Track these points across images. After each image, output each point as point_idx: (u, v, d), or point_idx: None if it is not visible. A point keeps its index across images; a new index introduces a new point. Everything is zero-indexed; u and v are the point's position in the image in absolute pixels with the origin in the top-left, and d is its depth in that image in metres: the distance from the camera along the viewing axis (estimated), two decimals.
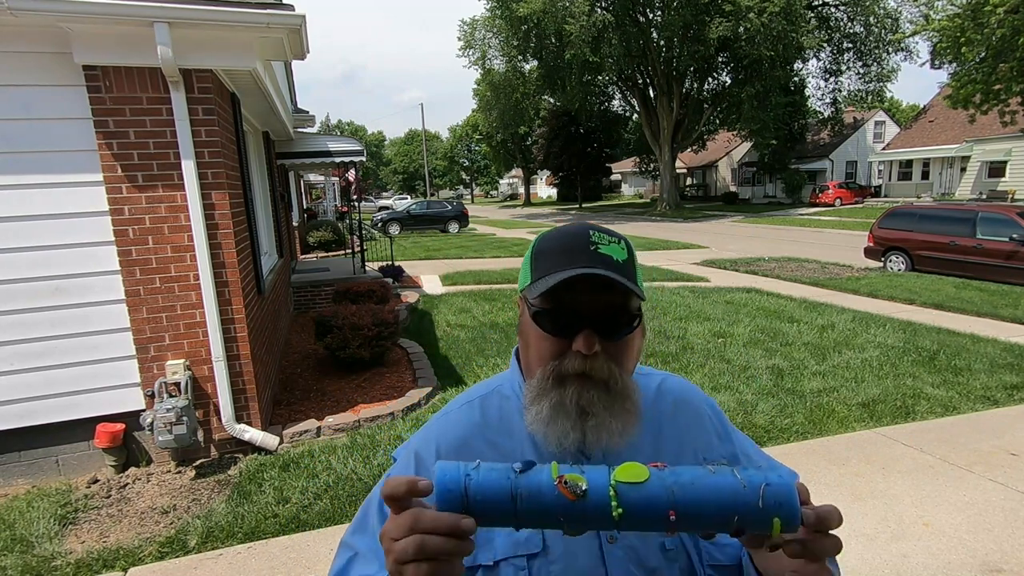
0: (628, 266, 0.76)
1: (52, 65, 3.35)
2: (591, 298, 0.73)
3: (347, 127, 76.58)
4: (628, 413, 0.76)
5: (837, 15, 29.26)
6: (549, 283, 0.72)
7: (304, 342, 6.72)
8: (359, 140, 9.57)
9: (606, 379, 0.74)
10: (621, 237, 0.79)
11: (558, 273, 0.73)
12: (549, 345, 0.76)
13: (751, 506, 0.57)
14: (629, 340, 0.77)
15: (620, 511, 0.56)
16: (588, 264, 0.73)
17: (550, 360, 0.76)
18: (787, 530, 0.57)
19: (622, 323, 0.75)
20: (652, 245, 16.75)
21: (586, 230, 0.78)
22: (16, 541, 3.02)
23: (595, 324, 0.74)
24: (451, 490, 0.56)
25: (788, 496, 0.57)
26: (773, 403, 4.56)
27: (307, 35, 3.82)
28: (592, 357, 0.73)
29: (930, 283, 9.40)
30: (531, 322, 0.78)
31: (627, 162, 48.84)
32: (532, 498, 0.56)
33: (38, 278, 3.50)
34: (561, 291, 0.73)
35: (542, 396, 0.76)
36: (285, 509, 3.24)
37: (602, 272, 0.72)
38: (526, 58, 30.86)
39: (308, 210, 22.12)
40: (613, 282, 0.72)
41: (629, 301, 0.75)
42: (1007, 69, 18.56)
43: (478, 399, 0.89)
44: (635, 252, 0.80)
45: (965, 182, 27.12)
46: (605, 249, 0.75)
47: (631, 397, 0.77)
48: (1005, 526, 2.92)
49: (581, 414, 0.74)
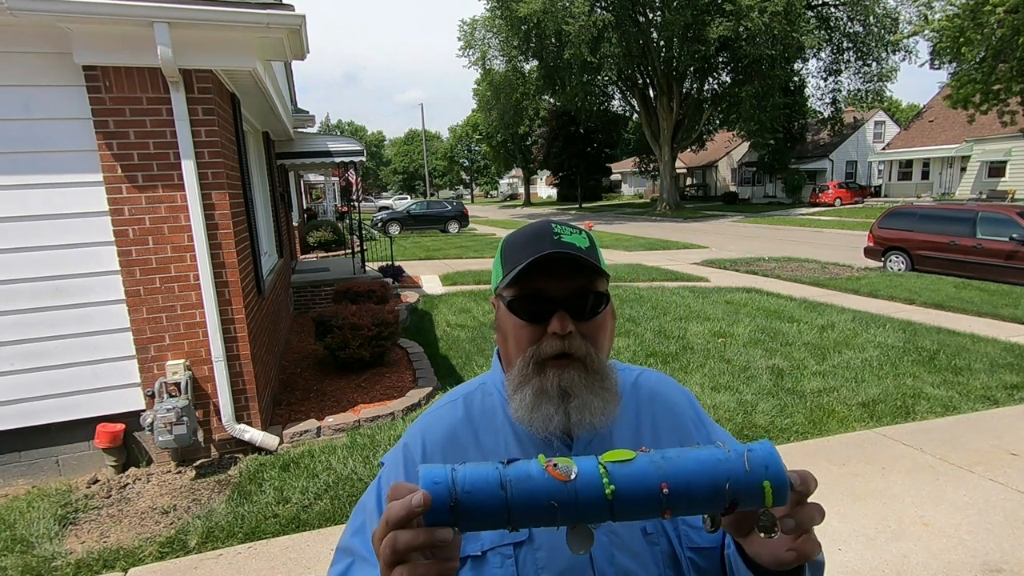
0: (591, 252, 0.80)
1: (52, 65, 3.35)
2: (560, 282, 0.78)
3: (347, 127, 76.54)
4: (607, 391, 0.79)
5: (837, 15, 29.27)
6: (520, 267, 0.77)
7: (304, 342, 6.72)
8: (359, 140, 9.56)
9: (583, 357, 0.78)
10: (582, 229, 0.83)
11: (528, 259, 0.77)
12: (526, 332, 0.80)
13: (739, 471, 0.57)
14: (601, 321, 0.81)
15: (612, 488, 0.55)
16: (553, 249, 0.76)
17: (528, 346, 0.79)
18: (778, 496, 0.57)
19: (592, 303, 0.80)
20: (652, 245, 16.75)
21: (548, 223, 0.82)
22: (16, 541, 3.02)
23: (567, 306, 0.78)
24: (438, 483, 0.54)
25: (772, 458, 0.58)
26: (773, 403, 4.56)
27: (307, 35, 3.82)
28: (568, 337, 0.77)
29: (930, 283, 9.40)
30: (507, 314, 0.82)
31: (627, 162, 48.82)
32: (522, 483, 0.55)
33: (38, 278, 3.50)
34: (531, 278, 0.78)
35: (524, 383, 0.79)
36: (285, 509, 3.24)
37: (567, 252, 0.76)
38: (526, 58, 30.82)
39: (308, 210, 22.12)
40: (579, 262, 0.77)
41: (596, 282, 0.80)
42: (1007, 69, 18.56)
43: (461, 397, 0.92)
44: (598, 243, 0.84)
45: (965, 182, 27.11)
46: (568, 238, 0.79)
47: (609, 376, 0.81)
48: (1005, 526, 2.92)
49: (563, 396, 0.77)
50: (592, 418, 0.77)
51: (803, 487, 0.59)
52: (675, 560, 0.80)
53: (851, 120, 35.22)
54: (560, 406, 0.77)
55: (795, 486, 0.59)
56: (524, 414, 0.79)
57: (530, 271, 0.77)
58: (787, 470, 0.58)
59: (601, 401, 0.78)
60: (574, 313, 0.78)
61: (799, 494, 0.59)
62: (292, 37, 3.71)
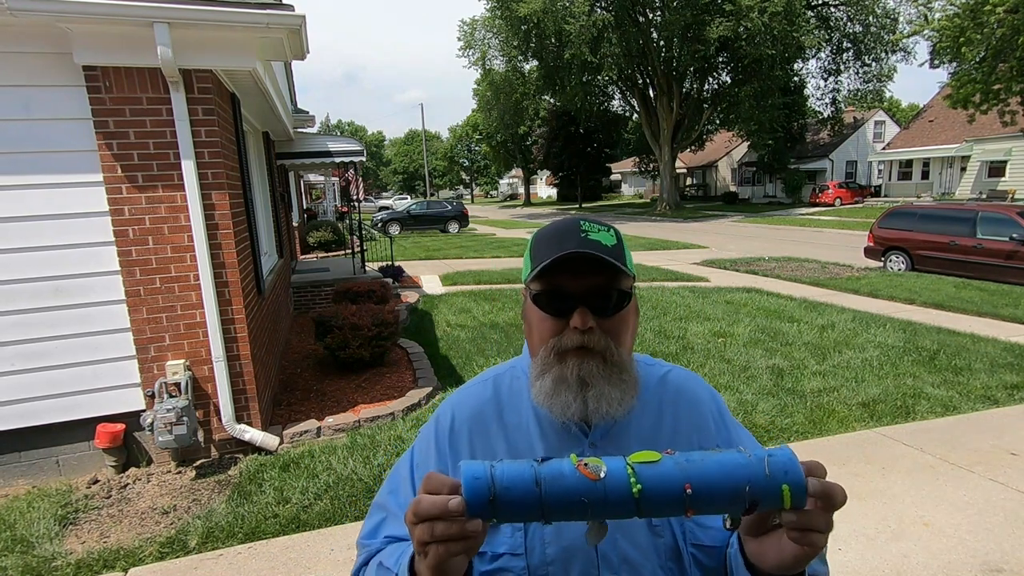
0: (617, 250, 0.82)
1: (52, 65, 3.35)
2: (583, 279, 0.80)
3: (347, 127, 76.55)
4: (625, 383, 0.82)
5: (837, 15, 29.26)
6: (543, 264, 0.79)
7: (304, 342, 6.72)
8: (359, 140, 9.56)
9: (603, 351, 0.80)
10: (610, 226, 0.85)
11: (552, 257, 0.79)
12: (549, 324, 0.82)
13: (759, 475, 0.61)
14: (623, 317, 0.83)
15: (639, 487, 0.59)
16: (578, 248, 0.78)
17: (550, 337, 0.82)
18: (796, 499, 0.61)
19: (614, 301, 0.82)
20: (652, 245, 16.75)
21: (577, 220, 0.85)
22: (16, 541, 3.02)
23: (588, 302, 0.80)
24: (479, 477, 0.59)
25: (792, 463, 0.62)
26: (773, 403, 4.56)
27: (307, 35, 3.82)
28: (588, 332, 0.80)
29: (930, 283, 9.40)
30: (532, 306, 0.85)
31: (627, 162, 48.81)
32: (555, 481, 0.59)
33: (39, 278, 3.50)
34: (556, 274, 0.80)
35: (545, 371, 0.82)
36: (285, 509, 3.24)
37: (590, 252, 0.78)
38: (526, 58, 30.83)
39: (308, 210, 22.12)
40: (602, 262, 0.79)
41: (619, 280, 0.82)
42: (1007, 69, 18.56)
43: (492, 378, 0.97)
44: (624, 240, 0.86)
45: (965, 182, 27.11)
46: (595, 236, 0.81)
47: (628, 369, 0.83)
48: (1005, 526, 2.92)
49: (581, 385, 0.80)
50: (609, 408, 0.80)
51: (823, 496, 0.62)
52: (677, 554, 0.83)
53: (851, 120, 35.22)
54: (578, 394, 0.80)
55: (811, 491, 0.61)
56: (544, 399, 0.82)
57: (554, 267, 0.79)
58: (809, 478, 0.62)
59: (619, 392, 0.80)
60: (595, 309, 0.80)
61: (818, 501, 0.62)
62: (292, 37, 3.71)
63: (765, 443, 3.93)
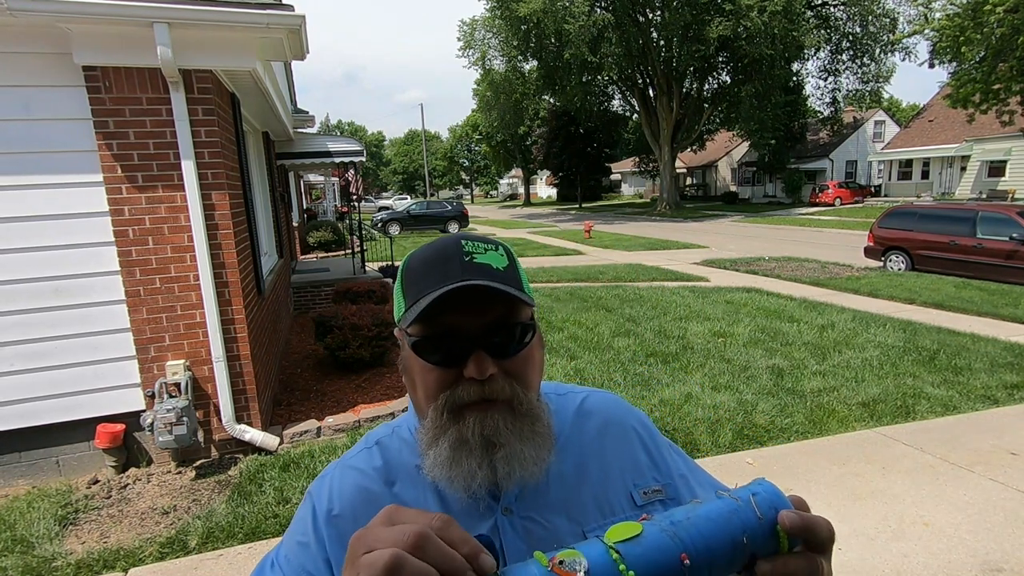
0: (510, 273, 0.68)
1: (52, 65, 3.35)
2: (475, 315, 0.65)
3: (347, 127, 76.56)
4: (540, 436, 0.68)
5: (837, 15, 29.27)
6: (422, 306, 0.63)
7: (304, 342, 6.72)
8: (359, 140, 9.56)
9: (508, 399, 0.66)
10: (499, 243, 0.71)
11: (431, 293, 0.63)
12: (436, 377, 0.66)
13: (752, 520, 0.53)
14: (528, 355, 0.68)
15: (632, 573, 0.48)
16: (463, 277, 0.64)
17: (440, 392, 0.66)
18: (792, 540, 0.54)
19: (515, 337, 0.67)
20: (652, 245, 16.76)
21: (457, 240, 0.68)
22: (16, 541, 3.02)
23: (485, 343, 0.65)
24: None
25: (776, 496, 0.55)
26: (773, 403, 4.56)
27: (307, 35, 3.82)
28: (489, 381, 0.64)
29: (930, 283, 9.40)
30: (413, 355, 0.68)
31: (627, 162, 48.83)
32: None
33: (39, 279, 3.50)
34: (438, 313, 0.64)
35: (439, 435, 0.66)
36: (285, 509, 3.24)
37: (480, 282, 0.63)
38: (526, 58, 30.84)
39: (308, 210, 22.12)
40: (496, 292, 0.64)
41: (518, 311, 0.67)
42: (1007, 68, 18.58)
43: (375, 444, 0.78)
44: (517, 258, 0.72)
45: (965, 182, 27.11)
46: (481, 258, 0.67)
47: (540, 418, 0.69)
48: (1005, 526, 2.92)
49: (487, 447, 0.65)
50: (523, 469, 0.66)
51: (802, 529, 0.53)
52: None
53: (851, 120, 35.22)
54: (484, 458, 0.65)
55: (788, 527, 0.52)
56: (441, 472, 0.66)
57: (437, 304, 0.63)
58: (787, 511, 0.54)
59: (532, 448, 0.66)
60: (494, 351, 0.65)
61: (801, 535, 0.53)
62: (292, 37, 3.71)
63: (764, 443, 3.93)
